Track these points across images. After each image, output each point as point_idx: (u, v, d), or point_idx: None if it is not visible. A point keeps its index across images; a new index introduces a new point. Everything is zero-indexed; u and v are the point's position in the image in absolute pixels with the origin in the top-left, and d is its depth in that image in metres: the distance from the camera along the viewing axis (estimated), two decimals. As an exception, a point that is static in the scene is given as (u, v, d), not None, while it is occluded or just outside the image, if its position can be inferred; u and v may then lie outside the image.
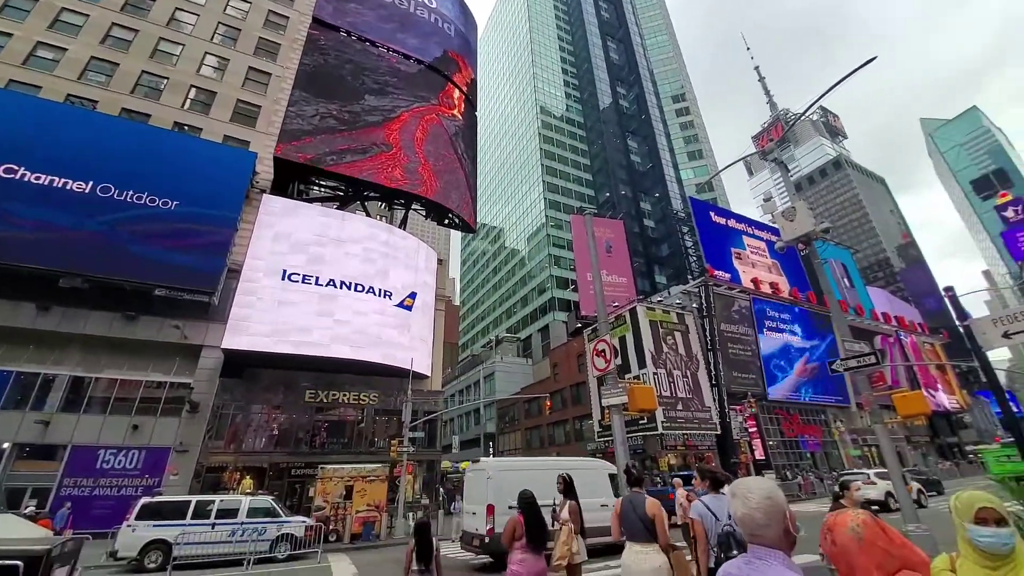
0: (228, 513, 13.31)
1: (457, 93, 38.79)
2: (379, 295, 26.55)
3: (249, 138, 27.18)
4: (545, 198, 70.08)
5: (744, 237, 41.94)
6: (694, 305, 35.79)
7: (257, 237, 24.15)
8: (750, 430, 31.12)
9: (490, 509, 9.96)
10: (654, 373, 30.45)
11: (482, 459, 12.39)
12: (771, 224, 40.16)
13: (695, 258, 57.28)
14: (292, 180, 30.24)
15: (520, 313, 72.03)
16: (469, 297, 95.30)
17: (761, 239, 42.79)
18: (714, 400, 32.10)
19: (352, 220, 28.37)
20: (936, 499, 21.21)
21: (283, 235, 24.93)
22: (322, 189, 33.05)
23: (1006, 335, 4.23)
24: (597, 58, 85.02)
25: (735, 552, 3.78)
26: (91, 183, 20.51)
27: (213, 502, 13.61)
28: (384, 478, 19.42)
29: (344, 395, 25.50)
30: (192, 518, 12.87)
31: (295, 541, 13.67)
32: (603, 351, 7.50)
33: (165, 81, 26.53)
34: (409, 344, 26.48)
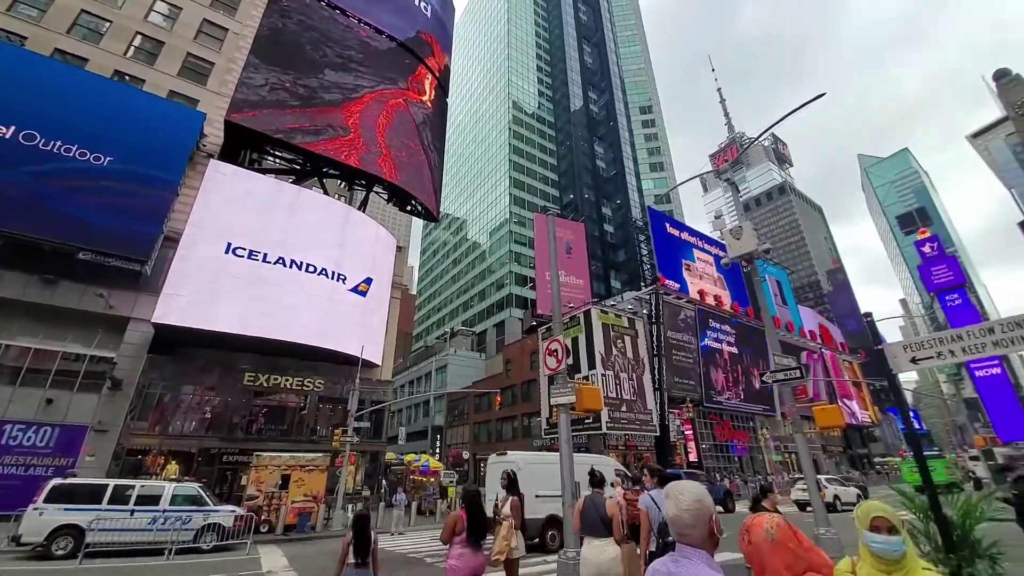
0: (150, 500, 12.43)
1: (429, 79, 37.60)
2: (332, 278, 25.60)
3: (199, 96, 25.31)
4: (510, 194, 70.17)
5: (694, 250, 44.02)
6: (644, 311, 37.20)
7: (201, 205, 22.54)
8: (686, 433, 32.88)
9: (521, 497, 10.56)
10: (603, 374, 31.39)
11: (509, 452, 13.58)
12: (720, 240, 42.40)
13: (649, 266, 59.51)
14: (245, 147, 28.40)
15: (477, 307, 71.88)
16: (427, 287, 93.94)
17: (710, 253, 45.08)
18: (656, 403, 33.58)
19: (308, 197, 27.11)
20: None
21: (230, 205, 23.38)
22: (277, 161, 31.20)
23: (913, 360, 4.74)
24: (572, 60, 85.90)
25: (672, 538, 4.11)
26: (13, 128, 18.33)
27: (133, 487, 12.66)
28: (324, 468, 18.79)
29: (287, 380, 24.44)
30: (109, 503, 11.91)
31: (223, 531, 12.99)
32: (555, 351, 7.66)
33: (108, 24, 24.11)
34: (361, 331, 25.73)
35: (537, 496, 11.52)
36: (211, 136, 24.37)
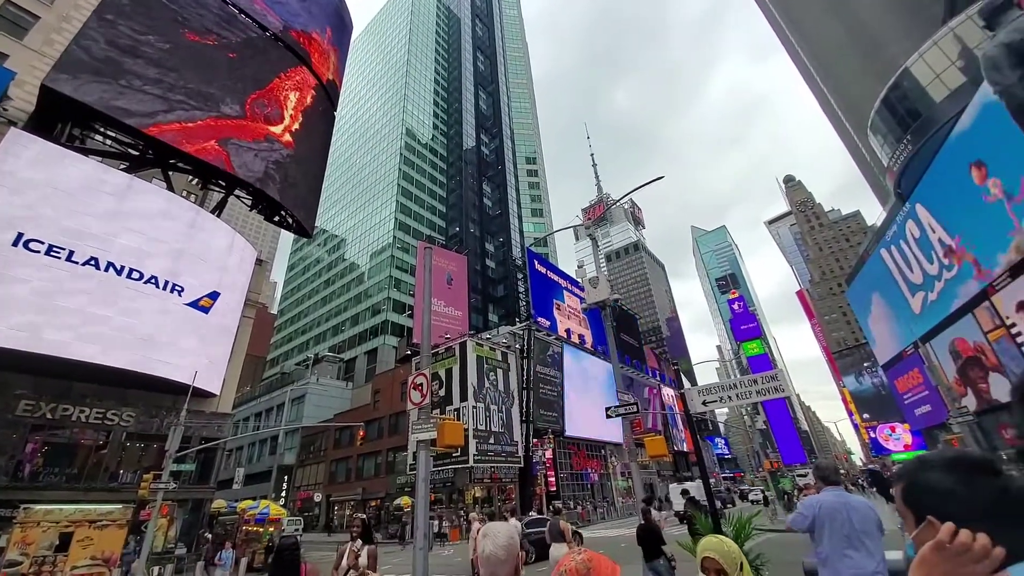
0: None
1: (294, 98, 30.20)
2: (164, 288, 21.63)
3: (10, 51, 20.32)
4: (396, 218, 68.68)
5: (564, 292, 48.08)
6: (517, 345, 38.95)
7: (-17, 183, 17.52)
8: (547, 463, 34.54)
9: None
10: (474, 407, 31.65)
11: (686, 483, 17.29)
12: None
13: (525, 303, 62.74)
14: (65, 120, 23.01)
15: (348, 332, 67.17)
16: (291, 307, 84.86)
17: (577, 296, 49.64)
18: (522, 435, 34.83)
19: (144, 189, 22.75)
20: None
21: (31, 188, 18.54)
22: (108, 142, 25.67)
23: (704, 403, 5.95)
24: (468, 102, 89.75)
25: None
26: None
27: None
28: (124, 523, 15.19)
29: (82, 411, 19.50)
30: None
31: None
32: (420, 384, 7.68)
33: None
34: (196, 354, 21.97)
35: (690, 497, 18.44)
36: (18, 100, 19.51)
